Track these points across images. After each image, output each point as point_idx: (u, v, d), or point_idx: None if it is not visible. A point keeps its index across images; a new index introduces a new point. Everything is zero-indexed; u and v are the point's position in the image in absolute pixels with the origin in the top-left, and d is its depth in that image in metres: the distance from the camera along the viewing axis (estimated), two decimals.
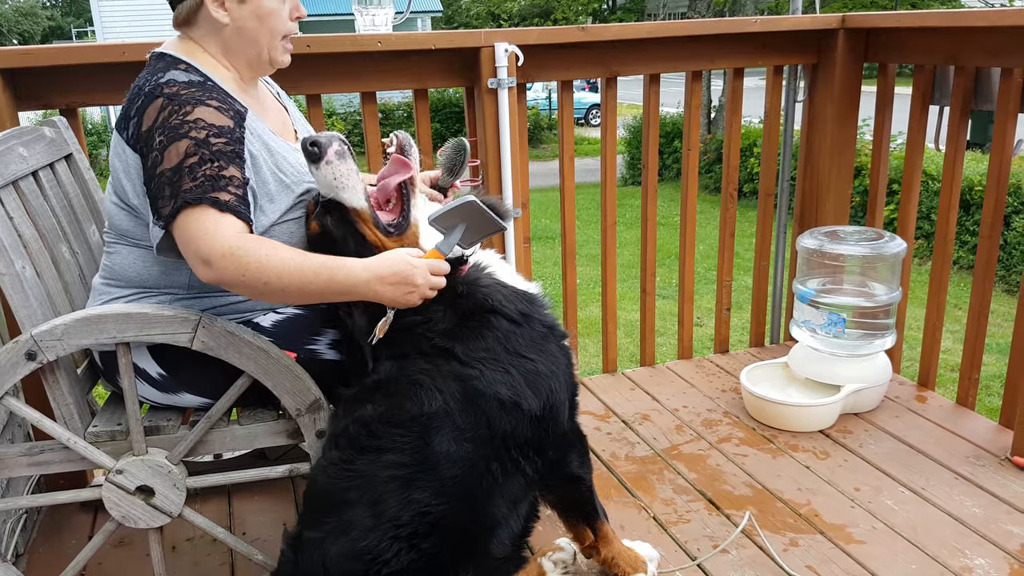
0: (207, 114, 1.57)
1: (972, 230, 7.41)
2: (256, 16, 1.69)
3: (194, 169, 1.53)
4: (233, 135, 1.59)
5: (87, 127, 16.09)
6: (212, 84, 1.65)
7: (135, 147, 1.60)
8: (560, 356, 1.73)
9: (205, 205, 1.52)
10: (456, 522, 1.56)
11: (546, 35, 2.62)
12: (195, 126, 1.55)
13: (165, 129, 1.55)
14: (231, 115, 1.61)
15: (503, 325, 1.66)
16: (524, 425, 1.64)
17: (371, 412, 1.61)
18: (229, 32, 1.69)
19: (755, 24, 2.84)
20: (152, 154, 1.56)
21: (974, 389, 2.75)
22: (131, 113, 1.61)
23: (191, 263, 1.56)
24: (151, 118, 1.57)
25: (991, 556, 2.02)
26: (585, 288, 6.98)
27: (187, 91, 1.59)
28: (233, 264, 1.51)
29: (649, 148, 2.98)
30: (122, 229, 1.72)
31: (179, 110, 1.56)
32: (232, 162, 1.57)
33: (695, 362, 3.24)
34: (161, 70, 1.64)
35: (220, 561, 2.16)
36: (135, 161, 1.61)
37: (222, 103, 1.61)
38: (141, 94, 1.61)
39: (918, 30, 2.71)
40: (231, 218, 1.54)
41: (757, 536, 2.13)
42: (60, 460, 1.74)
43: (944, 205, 2.73)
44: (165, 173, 1.54)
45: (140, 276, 1.73)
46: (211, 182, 1.53)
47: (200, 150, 1.54)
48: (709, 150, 12.08)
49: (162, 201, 1.55)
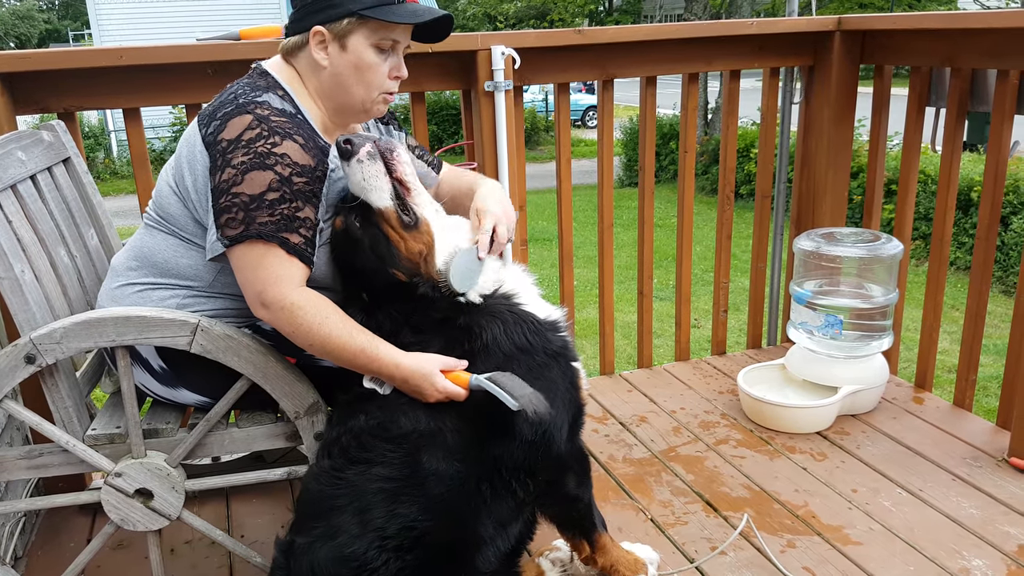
0: (293, 151, 1.60)
1: (971, 231, 7.42)
2: (354, 67, 1.71)
3: (274, 205, 1.58)
4: (313, 174, 1.63)
5: (84, 129, 16.10)
6: (302, 119, 1.69)
7: (208, 148, 1.62)
8: (561, 381, 1.72)
9: (275, 244, 1.58)
10: (441, 538, 1.56)
11: (543, 38, 2.62)
12: (281, 161, 1.58)
13: (250, 152, 1.57)
14: (313, 153, 1.64)
15: (492, 364, 1.66)
16: (516, 448, 1.64)
17: (363, 423, 1.62)
18: (326, 75, 1.72)
19: (751, 26, 2.84)
20: (228, 170, 1.58)
21: (971, 390, 2.76)
22: (217, 115, 1.63)
23: (248, 296, 1.62)
24: (236, 130, 1.59)
25: (988, 557, 2.03)
26: (582, 290, 6.98)
27: (278, 119, 1.62)
28: (287, 318, 1.59)
29: (646, 150, 2.98)
30: (168, 212, 1.74)
31: (268, 138, 1.59)
32: (308, 202, 1.62)
33: (692, 364, 3.25)
34: (261, 89, 1.67)
35: (218, 564, 2.16)
36: (203, 159, 1.63)
37: (307, 140, 1.64)
38: (235, 103, 1.63)
39: (914, 32, 2.72)
40: (296, 263, 1.61)
41: (755, 538, 2.13)
42: (59, 463, 1.74)
43: (941, 206, 2.73)
44: (241, 196, 1.57)
45: (167, 264, 1.75)
46: (286, 222, 1.59)
47: (283, 188, 1.58)
48: (706, 152, 12.09)
49: (232, 221, 1.58)
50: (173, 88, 2.37)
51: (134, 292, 1.75)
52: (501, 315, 1.71)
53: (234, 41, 2.37)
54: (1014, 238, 7.28)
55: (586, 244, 8.07)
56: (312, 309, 1.59)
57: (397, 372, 1.61)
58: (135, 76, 2.31)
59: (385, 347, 1.62)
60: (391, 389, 1.65)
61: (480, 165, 2.66)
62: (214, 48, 2.31)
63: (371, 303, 1.70)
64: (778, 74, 3.08)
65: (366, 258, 1.69)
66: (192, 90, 2.36)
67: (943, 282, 2.80)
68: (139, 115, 2.42)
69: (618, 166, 13.93)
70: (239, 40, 2.37)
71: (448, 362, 1.64)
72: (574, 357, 1.78)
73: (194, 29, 3.50)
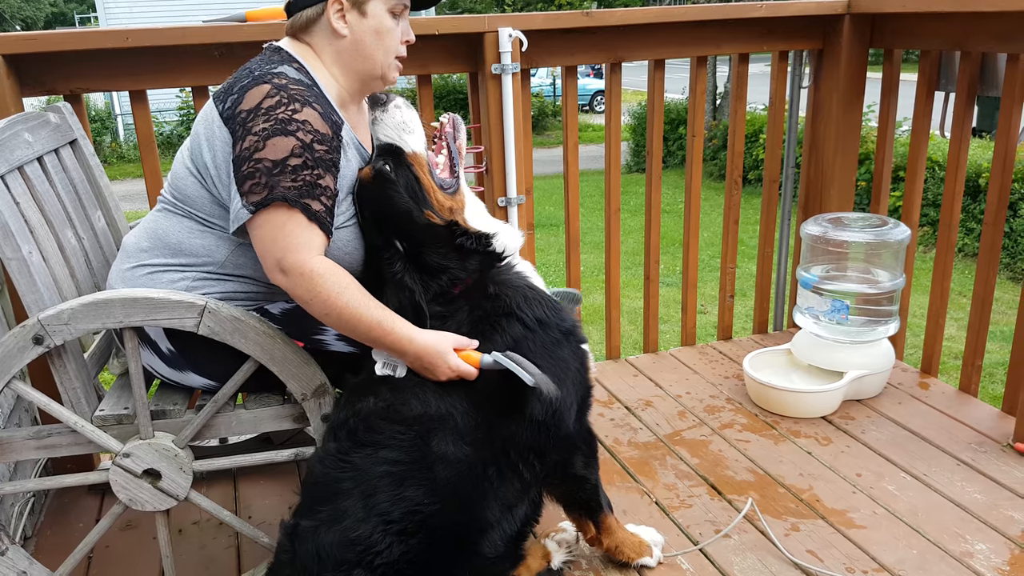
0: (313, 118, 1.61)
1: (979, 218, 7.38)
2: (375, 32, 1.73)
3: (297, 170, 1.58)
4: (332, 144, 1.64)
5: (91, 113, 16.10)
6: (318, 90, 1.70)
7: (227, 122, 1.62)
8: (572, 361, 1.74)
9: (297, 209, 1.58)
10: (446, 522, 1.57)
11: (550, 20, 2.61)
12: (303, 127, 1.59)
13: (271, 119, 1.58)
14: (330, 124, 1.65)
15: (516, 330, 1.68)
16: (525, 429, 1.65)
17: (372, 406, 1.63)
18: (346, 44, 1.73)
19: (760, 9, 2.83)
20: (250, 137, 1.58)
21: (977, 376, 2.76)
22: (233, 90, 1.64)
23: (267, 263, 1.61)
24: (254, 100, 1.59)
25: (992, 542, 2.03)
26: (589, 275, 6.98)
27: (296, 87, 1.62)
28: (306, 286, 1.58)
29: (653, 135, 2.98)
30: (184, 194, 1.74)
31: (289, 104, 1.59)
32: (328, 171, 1.63)
33: (698, 349, 3.25)
34: (276, 62, 1.68)
35: (226, 544, 2.18)
36: (222, 134, 1.63)
37: (324, 110, 1.65)
38: (251, 76, 1.64)
39: (924, 15, 2.70)
40: (316, 230, 1.60)
41: (759, 521, 2.14)
42: (67, 444, 1.75)
43: (949, 192, 2.72)
44: (264, 162, 1.57)
45: (180, 244, 1.75)
46: (308, 188, 1.59)
47: (305, 154, 1.58)
48: (714, 137, 12.04)
49: (256, 187, 1.58)
50: (179, 70, 2.36)
51: (145, 274, 1.76)
52: (522, 289, 1.75)
53: (240, 23, 2.36)
54: (1022, 224, 7.24)
55: (593, 230, 8.06)
56: (331, 278, 1.59)
57: (410, 347, 1.61)
58: (141, 58, 2.31)
59: (400, 322, 1.62)
60: (405, 372, 1.66)
61: (487, 148, 2.66)
62: (220, 30, 2.31)
63: (408, 251, 1.70)
64: (787, 58, 3.06)
65: (400, 199, 1.70)
66: (198, 72, 2.36)
67: (950, 268, 2.79)
68: (145, 97, 2.42)
69: (626, 151, 13.87)
70: (245, 22, 2.37)
71: (460, 340, 1.65)
72: (583, 339, 1.79)
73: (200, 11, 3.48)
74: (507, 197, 2.69)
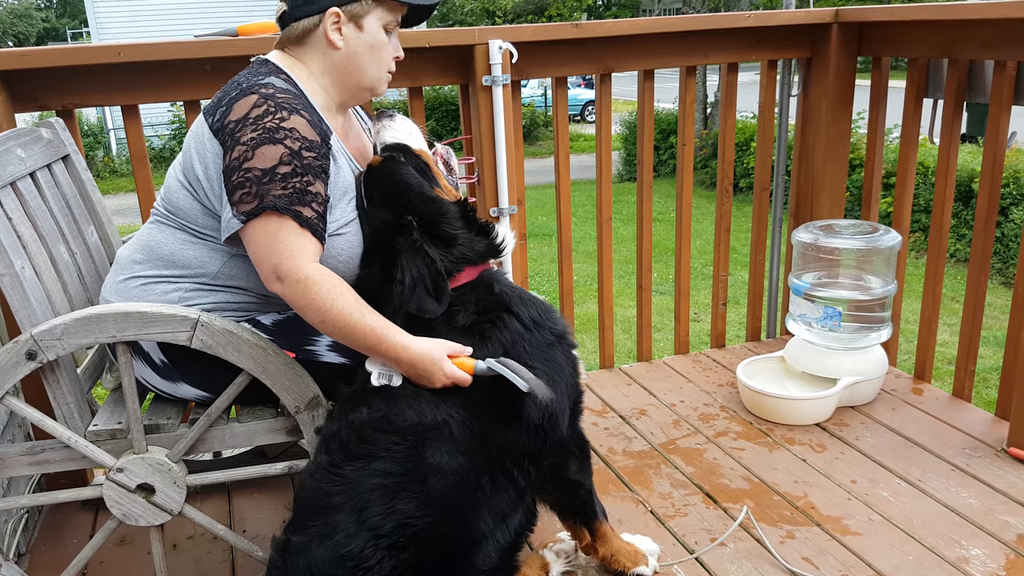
0: (301, 125, 1.62)
1: (971, 223, 7.40)
2: (370, 46, 1.76)
3: (286, 178, 1.59)
4: (321, 151, 1.65)
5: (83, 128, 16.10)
6: (306, 100, 1.71)
7: (216, 134, 1.64)
8: (564, 365, 1.74)
9: (288, 217, 1.59)
10: (438, 535, 1.55)
11: (540, 32, 2.63)
12: (291, 135, 1.60)
13: (259, 128, 1.59)
14: (319, 131, 1.66)
15: (515, 327, 1.70)
16: (521, 434, 1.65)
17: (366, 416, 1.61)
18: (340, 56, 1.75)
19: (749, 19, 2.85)
20: (239, 147, 1.59)
21: (970, 381, 2.77)
22: (222, 103, 1.65)
23: (263, 271, 1.62)
24: (242, 110, 1.61)
25: (987, 547, 2.04)
26: (582, 285, 6.98)
27: (284, 96, 1.64)
28: (301, 292, 1.59)
29: (644, 144, 2.99)
30: (177, 207, 1.75)
31: (276, 113, 1.60)
32: (318, 177, 1.64)
33: (692, 357, 3.25)
34: (264, 74, 1.70)
35: (221, 558, 2.17)
36: (212, 146, 1.64)
37: (312, 118, 1.66)
38: (239, 88, 1.66)
39: (911, 23, 2.72)
40: (309, 237, 1.61)
41: (754, 529, 2.14)
42: (61, 459, 1.75)
43: (939, 198, 2.74)
44: (253, 171, 1.58)
45: (173, 255, 1.76)
46: (299, 195, 1.60)
47: (294, 161, 1.59)
48: (705, 145, 12.09)
49: (247, 196, 1.59)
50: (171, 85, 2.37)
51: (138, 286, 1.76)
52: (517, 289, 1.78)
53: (232, 37, 2.37)
54: (1013, 229, 7.28)
55: (585, 239, 8.08)
56: (327, 284, 1.60)
57: (405, 354, 1.61)
58: (133, 73, 2.32)
59: (395, 329, 1.63)
60: (401, 381, 1.66)
61: (478, 160, 2.67)
62: (212, 44, 2.32)
63: (421, 225, 1.71)
64: (776, 67, 3.08)
65: (411, 176, 1.75)
66: (190, 86, 2.37)
67: (942, 273, 2.80)
68: (138, 112, 2.42)
69: (617, 161, 13.92)
70: (237, 36, 2.38)
71: (455, 347, 1.65)
72: (573, 344, 1.81)
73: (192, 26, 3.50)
74: (499, 207, 2.70)
